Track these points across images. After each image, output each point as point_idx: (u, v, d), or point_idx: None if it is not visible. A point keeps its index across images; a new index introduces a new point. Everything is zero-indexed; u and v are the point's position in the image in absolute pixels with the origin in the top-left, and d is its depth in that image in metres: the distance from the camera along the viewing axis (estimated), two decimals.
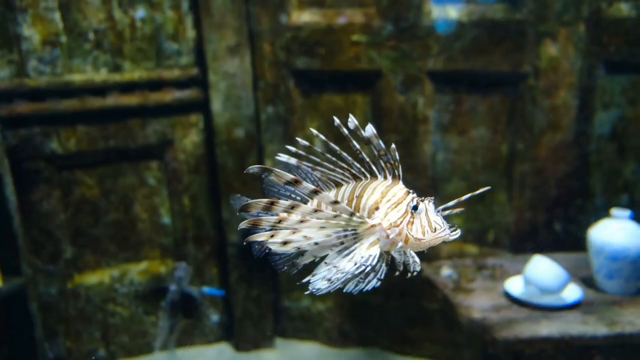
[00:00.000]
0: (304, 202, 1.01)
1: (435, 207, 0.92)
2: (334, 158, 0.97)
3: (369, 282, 0.91)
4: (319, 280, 0.89)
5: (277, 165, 0.91)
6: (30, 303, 2.41)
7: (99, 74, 2.63)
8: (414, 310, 2.91)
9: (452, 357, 2.88)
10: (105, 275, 2.88)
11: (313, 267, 0.93)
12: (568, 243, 2.59)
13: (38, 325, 2.48)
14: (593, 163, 2.61)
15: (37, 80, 2.53)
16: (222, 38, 2.71)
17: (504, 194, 2.72)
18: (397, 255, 0.99)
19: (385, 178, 0.95)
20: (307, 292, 0.88)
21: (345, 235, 0.90)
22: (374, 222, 0.91)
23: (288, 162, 0.97)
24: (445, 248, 2.78)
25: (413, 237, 0.89)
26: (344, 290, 0.91)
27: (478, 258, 2.58)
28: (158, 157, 2.87)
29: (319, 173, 0.99)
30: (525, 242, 2.70)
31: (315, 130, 0.96)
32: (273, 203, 0.84)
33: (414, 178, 2.71)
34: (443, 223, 0.90)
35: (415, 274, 1.00)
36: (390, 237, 0.90)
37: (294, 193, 1.02)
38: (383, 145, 0.91)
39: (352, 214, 0.88)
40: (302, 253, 0.94)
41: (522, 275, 2.14)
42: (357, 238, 0.90)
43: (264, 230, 0.87)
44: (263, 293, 3.05)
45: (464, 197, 0.94)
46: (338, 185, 1.00)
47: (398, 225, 0.90)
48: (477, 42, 2.54)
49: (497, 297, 2.15)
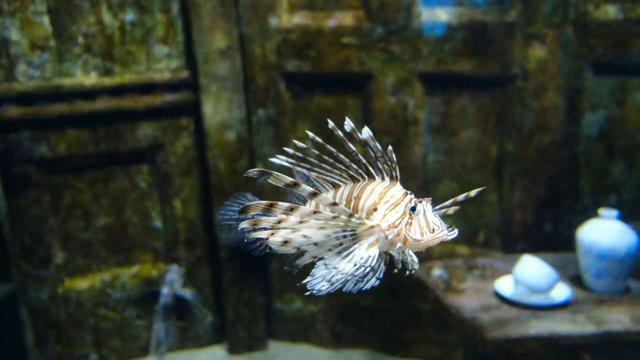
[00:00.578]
0: (302, 203, 1.02)
1: (433, 207, 0.93)
2: (331, 160, 0.98)
3: (368, 281, 0.92)
4: (319, 281, 0.90)
5: (272, 168, 0.91)
6: (21, 308, 2.40)
7: (89, 78, 2.62)
8: (406, 311, 2.92)
9: (443, 357, 2.89)
10: (97, 280, 2.87)
11: (310, 268, 0.94)
12: (557, 243, 2.61)
13: (28, 331, 2.47)
14: (581, 164, 2.64)
15: (26, 85, 2.52)
16: (212, 41, 2.71)
17: (494, 195, 2.74)
18: (395, 254, 1.00)
19: (383, 179, 0.95)
20: (307, 293, 0.89)
21: (344, 236, 0.91)
22: (373, 223, 0.92)
23: (284, 164, 0.98)
24: (437, 249, 2.80)
25: (411, 237, 0.90)
26: (344, 290, 0.92)
27: (469, 258, 2.60)
28: (149, 160, 2.87)
29: (316, 174, 1.00)
30: (516, 242, 2.73)
31: (311, 133, 0.97)
32: (272, 205, 0.85)
33: (405, 179, 2.70)
34: (441, 224, 0.91)
35: (413, 273, 1.01)
36: (389, 237, 0.91)
37: (293, 195, 1.03)
38: (380, 147, 0.92)
39: (351, 215, 0.89)
40: (301, 254, 0.95)
41: (511, 275, 2.16)
42: (355, 239, 0.91)
43: (264, 230, 0.88)
44: (255, 295, 3.05)
45: (460, 197, 0.95)
46: (335, 187, 1.01)
47: (396, 226, 0.91)
48: (466, 44, 2.56)
49: (487, 297, 2.16)
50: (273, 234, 0.87)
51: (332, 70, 2.73)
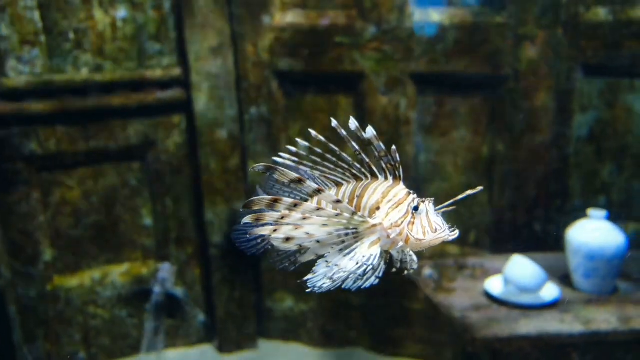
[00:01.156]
0: (305, 201, 1.02)
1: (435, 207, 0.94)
2: (334, 158, 0.99)
3: (368, 279, 0.92)
4: (320, 279, 0.90)
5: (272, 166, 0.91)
6: (9, 306, 2.38)
7: (80, 74, 2.61)
8: (396, 310, 2.93)
9: (433, 356, 2.90)
10: (86, 277, 2.85)
11: (311, 265, 0.94)
12: (547, 243, 2.63)
13: (17, 328, 2.44)
14: (571, 164, 2.66)
15: (15, 80, 2.49)
16: (204, 39, 2.70)
17: (485, 195, 2.76)
18: (395, 254, 1.00)
19: (386, 179, 0.96)
20: (307, 290, 0.89)
21: (347, 234, 0.91)
22: (375, 221, 0.92)
23: (287, 162, 0.98)
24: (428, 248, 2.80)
25: (414, 237, 0.91)
26: (343, 287, 0.92)
27: (459, 258, 2.61)
28: (140, 158, 2.85)
29: (319, 173, 1.01)
30: (506, 242, 2.74)
31: (314, 132, 0.96)
32: (276, 200, 0.85)
33: None
34: (443, 223, 0.92)
35: (412, 272, 1.01)
36: (391, 236, 0.92)
37: (295, 192, 1.03)
38: (384, 147, 0.93)
39: (354, 213, 0.90)
40: (303, 251, 0.95)
41: (501, 275, 2.17)
42: (358, 237, 0.92)
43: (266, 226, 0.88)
44: (246, 294, 3.05)
45: (459, 197, 0.95)
46: (338, 185, 1.01)
47: (399, 225, 0.91)
48: (458, 44, 2.57)
49: (477, 296, 2.17)
50: (276, 230, 0.87)
51: (324, 69, 2.73)
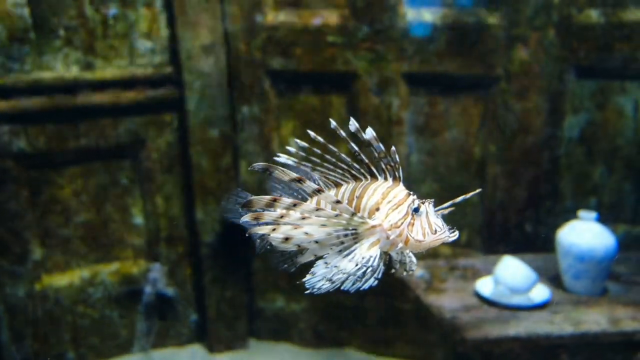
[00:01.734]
0: (304, 200, 1.01)
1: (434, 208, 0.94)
2: (333, 159, 0.98)
3: (367, 280, 0.91)
4: (319, 280, 0.90)
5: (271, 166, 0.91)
6: None
7: (70, 72, 2.58)
8: (388, 311, 2.92)
9: (424, 356, 2.90)
10: (75, 277, 2.83)
11: (309, 266, 0.94)
12: (538, 244, 2.63)
13: (4, 328, 2.42)
14: (562, 166, 2.66)
15: (4, 78, 2.47)
16: (196, 37, 2.68)
17: (477, 196, 2.75)
18: (394, 254, 1.00)
19: (386, 179, 0.95)
20: (306, 292, 0.89)
21: (346, 235, 0.90)
22: (375, 222, 0.92)
23: (287, 162, 0.98)
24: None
25: (414, 238, 0.90)
26: (342, 289, 0.91)
27: (450, 259, 2.61)
28: (131, 156, 2.83)
29: (318, 173, 1.00)
30: (497, 243, 2.74)
31: (312, 133, 0.96)
32: (275, 200, 0.85)
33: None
34: (443, 225, 0.91)
35: (412, 273, 1.01)
36: (391, 238, 0.91)
37: (295, 191, 1.03)
38: (383, 148, 0.92)
39: (353, 214, 0.89)
40: (301, 251, 0.95)
41: (492, 276, 2.17)
42: (357, 238, 0.91)
43: (266, 224, 0.88)
44: (237, 294, 3.03)
45: (458, 199, 0.96)
46: (337, 185, 1.00)
47: (399, 227, 0.91)
48: (451, 45, 2.57)
49: (467, 297, 2.17)
50: (274, 230, 0.87)
51: (317, 69, 2.72)
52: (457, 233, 0.91)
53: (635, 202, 2.67)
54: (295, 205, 0.86)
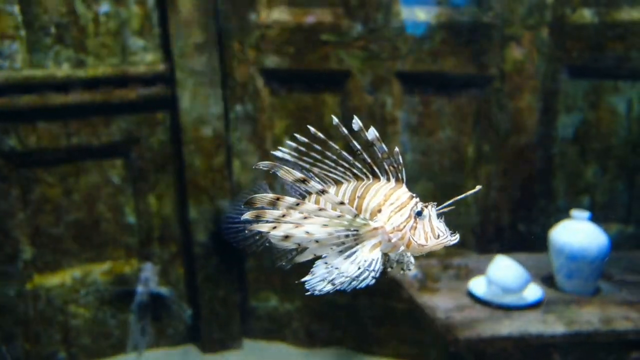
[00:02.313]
0: (303, 197, 1.01)
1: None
2: (334, 156, 0.97)
3: (364, 280, 0.90)
4: (319, 280, 0.89)
5: (272, 161, 0.90)
6: None
7: (61, 70, 2.56)
8: (381, 310, 2.92)
9: (418, 356, 2.90)
10: (67, 276, 2.81)
11: (303, 266, 0.93)
12: (532, 243, 2.63)
13: None
14: (556, 165, 2.67)
15: None
16: (189, 35, 2.67)
17: (470, 195, 2.75)
18: (392, 254, 0.99)
19: (388, 180, 0.94)
20: (307, 293, 0.88)
21: (347, 236, 0.90)
22: (377, 224, 0.91)
23: (286, 157, 0.97)
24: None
25: (416, 242, 0.89)
26: (339, 288, 0.91)
27: (444, 258, 2.61)
28: (123, 155, 2.81)
29: (318, 170, 0.99)
30: (491, 242, 2.74)
31: (313, 128, 0.95)
32: (278, 199, 0.84)
33: None
34: (445, 229, 0.91)
35: (409, 272, 1.01)
36: (393, 241, 0.90)
37: (292, 189, 1.02)
38: (386, 149, 0.92)
39: (356, 216, 0.88)
40: (301, 250, 0.94)
41: (485, 275, 2.17)
42: (358, 239, 0.90)
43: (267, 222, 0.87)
44: (230, 293, 3.02)
45: (457, 197, 0.95)
46: (337, 183, 0.99)
47: (401, 230, 0.90)
48: (445, 44, 2.56)
49: (461, 296, 2.17)
50: (275, 228, 0.86)
51: (310, 67, 2.71)
52: (457, 236, 0.90)
53: (628, 201, 2.68)
54: (298, 205, 0.85)
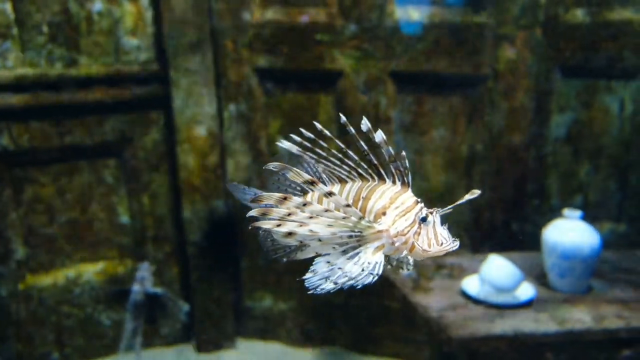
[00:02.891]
0: (301, 193, 1.02)
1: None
2: (340, 155, 0.97)
3: (364, 280, 0.90)
4: (320, 279, 0.89)
5: (274, 155, 0.90)
6: None
7: (54, 68, 2.55)
8: (376, 309, 2.92)
9: (412, 355, 2.91)
10: (60, 276, 2.79)
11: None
12: (525, 242, 2.65)
13: None
14: (549, 164, 2.68)
15: None
16: (183, 34, 2.66)
17: (464, 194, 2.76)
18: (393, 255, 1.00)
19: (394, 183, 0.94)
20: (309, 292, 0.88)
21: (350, 237, 0.90)
22: (382, 227, 0.91)
23: (291, 150, 0.96)
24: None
25: (420, 247, 0.90)
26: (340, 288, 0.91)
27: (437, 257, 2.61)
28: (116, 154, 2.80)
29: (323, 166, 0.99)
30: (484, 241, 2.75)
31: (319, 125, 0.95)
32: (286, 198, 0.84)
33: None
34: (448, 236, 0.91)
35: (408, 272, 1.01)
36: (396, 244, 0.91)
37: (290, 186, 1.02)
38: (392, 152, 0.91)
39: (361, 218, 0.89)
40: (302, 247, 0.94)
41: (478, 274, 2.18)
42: (361, 240, 0.91)
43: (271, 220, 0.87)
44: (224, 293, 3.02)
45: (458, 201, 0.95)
46: (341, 182, 0.99)
47: (405, 234, 0.90)
48: (438, 43, 2.57)
49: (454, 295, 2.18)
50: (279, 225, 0.86)
51: (304, 67, 2.71)
52: (458, 243, 0.91)
53: (620, 200, 2.70)
54: (305, 205, 0.86)
